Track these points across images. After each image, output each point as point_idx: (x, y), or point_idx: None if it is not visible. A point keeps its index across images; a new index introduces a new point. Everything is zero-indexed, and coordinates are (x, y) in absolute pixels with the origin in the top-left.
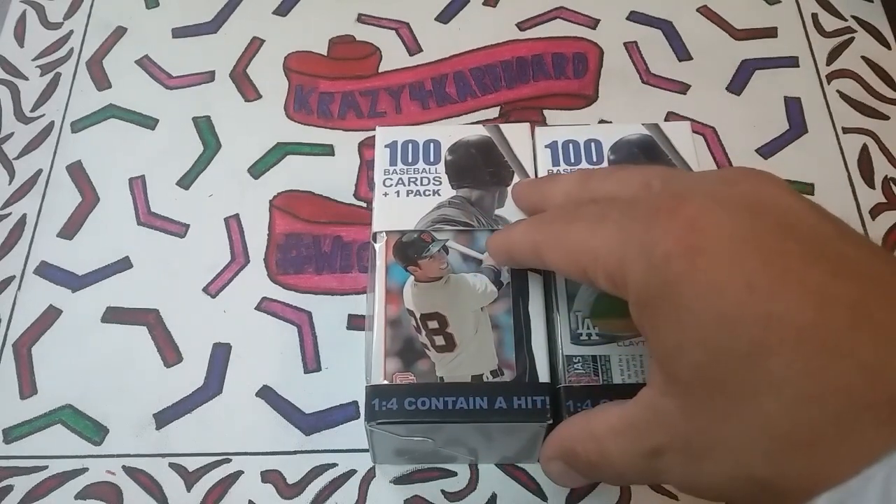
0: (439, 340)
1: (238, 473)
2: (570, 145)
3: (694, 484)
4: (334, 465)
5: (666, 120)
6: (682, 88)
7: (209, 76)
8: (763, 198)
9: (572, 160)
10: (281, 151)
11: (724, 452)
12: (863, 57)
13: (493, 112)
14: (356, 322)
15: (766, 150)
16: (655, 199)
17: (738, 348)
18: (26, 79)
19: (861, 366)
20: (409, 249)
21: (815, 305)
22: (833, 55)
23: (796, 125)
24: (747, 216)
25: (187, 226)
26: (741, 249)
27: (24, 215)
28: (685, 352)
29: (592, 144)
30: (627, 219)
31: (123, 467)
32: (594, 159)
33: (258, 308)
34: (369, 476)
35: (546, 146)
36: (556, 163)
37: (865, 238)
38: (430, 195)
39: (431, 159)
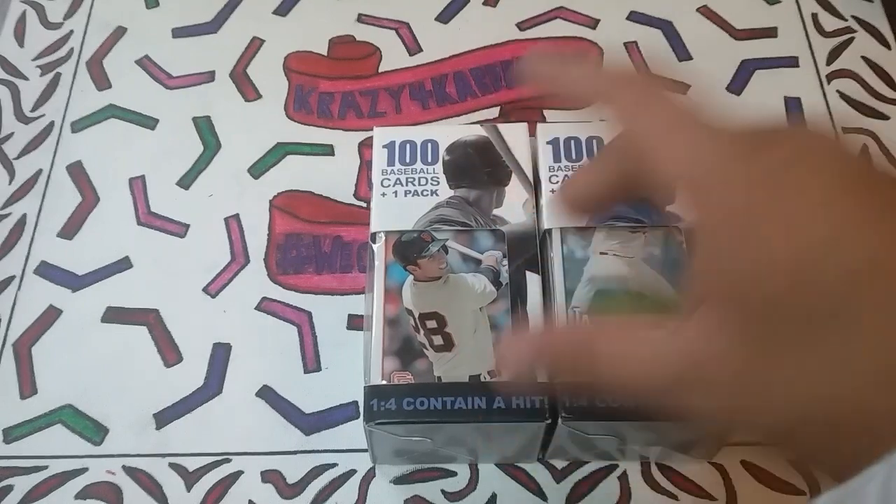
0: (437, 340)
1: (238, 473)
2: (572, 142)
3: (743, 411)
4: (334, 465)
5: None
6: (683, 88)
7: (209, 76)
8: (850, 150)
9: (573, 157)
10: (281, 151)
11: (793, 385)
12: (863, 57)
13: (494, 112)
14: (356, 322)
15: None
16: (760, 131)
17: (828, 277)
18: (26, 79)
19: None
20: (409, 249)
21: None
22: (833, 55)
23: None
24: (843, 159)
25: (187, 226)
26: (838, 185)
27: (24, 215)
28: (763, 280)
29: (594, 141)
30: (733, 139)
31: (123, 467)
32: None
33: (258, 308)
34: (369, 476)
35: (548, 143)
36: (557, 159)
37: None
38: (427, 195)
39: (429, 159)
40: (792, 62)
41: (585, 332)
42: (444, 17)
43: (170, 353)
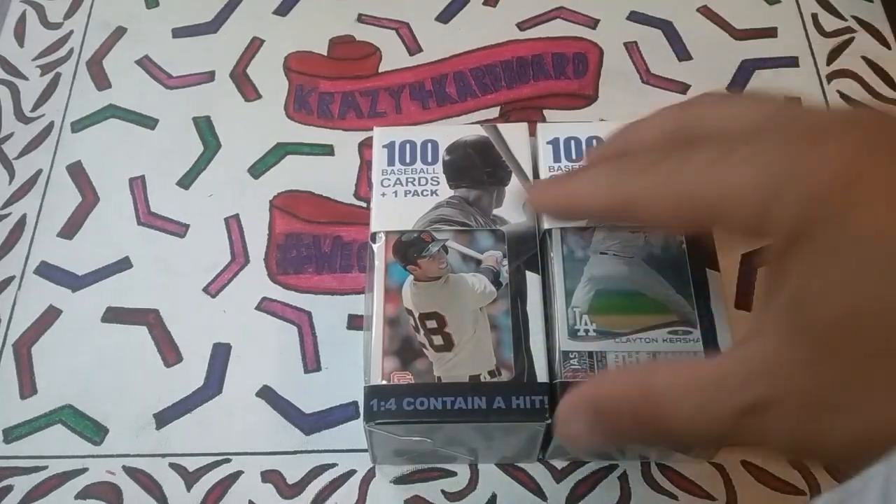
0: (437, 340)
1: (238, 473)
2: (572, 142)
3: (811, 441)
4: (334, 465)
5: None
6: (682, 88)
7: (209, 76)
8: None
9: (574, 157)
10: (281, 151)
11: (870, 406)
12: (863, 57)
13: (494, 112)
14: (356, 322)
15: None
16: (809, 122)
17: None
18: (26, 79)
19: None
20: (409, 249)
21: None
22: (833, 55)
23: None
24: None
25: (187, 226)
26: None
27: (24, 215)
28: (831, 297)
29: (594, 141)
30: (771, 147)
31: (123, 467)
32: None
33: (258, 308)
34: (369, 476)
35: (548, 143)
36: (557, 159)
37: None
38: (427, 195)
39: (429, 159)
40: (792, 62)
41: (638, 369)
42: (444, 17)
43: (170, 353)
